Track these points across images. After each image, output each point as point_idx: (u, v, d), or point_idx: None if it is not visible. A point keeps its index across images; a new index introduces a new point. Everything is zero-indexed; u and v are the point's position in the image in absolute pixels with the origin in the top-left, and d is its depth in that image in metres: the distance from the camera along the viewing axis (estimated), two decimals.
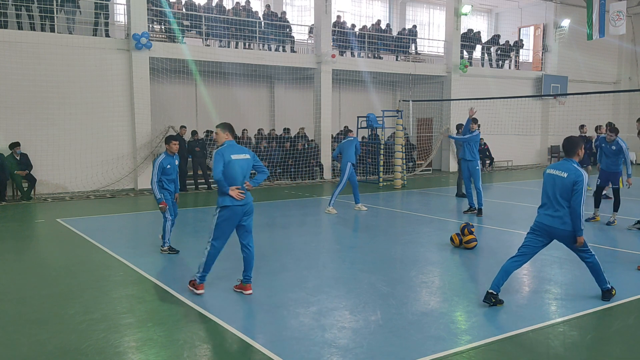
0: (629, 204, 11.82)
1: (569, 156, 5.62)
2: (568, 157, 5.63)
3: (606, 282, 5.81)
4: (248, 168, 5.90)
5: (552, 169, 5.66)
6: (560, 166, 5.58)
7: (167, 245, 7.90)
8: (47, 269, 7.29)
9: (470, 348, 4.62)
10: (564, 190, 5.45)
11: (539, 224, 5.66)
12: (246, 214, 5.88)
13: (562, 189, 5.46)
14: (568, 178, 5.43)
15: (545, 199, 5.65)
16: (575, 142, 5.62)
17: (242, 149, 5.93)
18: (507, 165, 23.56)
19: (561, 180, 5.48)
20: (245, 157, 5.86)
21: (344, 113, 21.87)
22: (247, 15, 17.76)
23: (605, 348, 4.69)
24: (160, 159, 7.69)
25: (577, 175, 5.40)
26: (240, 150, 5.89)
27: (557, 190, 5.49)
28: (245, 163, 5.86)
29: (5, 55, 13.58)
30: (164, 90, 17.10)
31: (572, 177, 5.41)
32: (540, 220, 5.65)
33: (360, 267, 7.19)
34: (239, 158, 5.80)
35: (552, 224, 5.53)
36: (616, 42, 25.99)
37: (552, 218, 5.52)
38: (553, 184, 5.55)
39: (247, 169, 5.88)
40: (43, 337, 4.87)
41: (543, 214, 5.64)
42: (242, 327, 5.06)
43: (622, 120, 24.96)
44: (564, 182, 5.45)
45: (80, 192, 14.49)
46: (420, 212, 11.91)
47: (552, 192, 5.55)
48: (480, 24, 26.27)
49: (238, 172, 5.77)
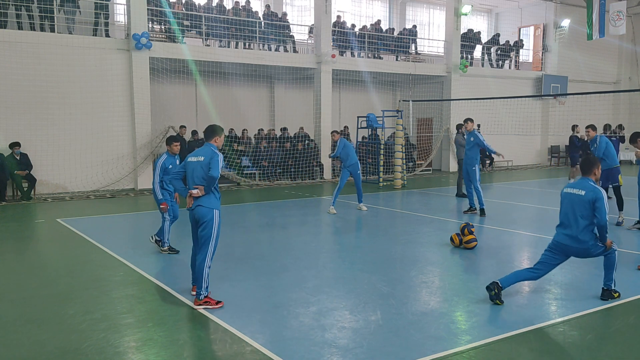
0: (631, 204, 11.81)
1: (586, 175, 5.72)
2: (585, 175, 5.73)
3: (612, 281, 5.84)
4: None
5: (569, 187, 5.75)
6: (578, 185, 5.67)
7: (166, 245, 7.90)
8: (47, 269, 7.29)
9: (470, 348, 4.62)
10: (582, 208, 5.53)
11: (557, 243, 5.71)
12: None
13: (581, 207, 5.54)
14: (586, 196, 5.52)
15: (563, 218, 5.72)
16: (592, 161, 5.73)
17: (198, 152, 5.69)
18: (507, 165, 23.56)
19: (579, 198, 5.56)
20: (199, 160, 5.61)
21: (344, 113, 21.87)
22: (247, 15, 17.76)
23: (605, 348, 4.69)
24: (162, 159, 7.72)
25: (596, 192, 5.49)
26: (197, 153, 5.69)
27: (576, 208, 5.56)
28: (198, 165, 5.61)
29: (5, 55, 13.58)
30: (164, 90, 17.10)
31: (590, 195, 5.50)
32: (558, 239, 5.70)
33: (360, 267, 7.19)
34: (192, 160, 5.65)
35: (569, 243, 5.61)
36: (616, 42, 25.99)
37: (570, 238, 5.60)
38: (571, 202, 5.63)
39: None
40: (43, 337, 4.87)
41: (561, 233, 5.70)
42: (242, 327, 5.06)
43: (622, 121, 25.00)
44: (582, 200, 5.54)
45: (80, 192, 14.49)
46: (420, 212, 11.91)
47: (570, 210, 5.62)
48: (480, 24, 26.27)
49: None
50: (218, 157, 5.51)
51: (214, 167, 5.46)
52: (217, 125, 5.78)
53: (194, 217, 5.66)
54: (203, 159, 5.55)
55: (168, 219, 7.85)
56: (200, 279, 5.56)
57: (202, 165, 5.53)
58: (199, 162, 5.56)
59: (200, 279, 5.56)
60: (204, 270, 5.54)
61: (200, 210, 5.56)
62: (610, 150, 10.18)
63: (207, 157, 5.53)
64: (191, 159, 5.66)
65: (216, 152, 5.57)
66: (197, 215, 5.60)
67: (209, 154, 5.54)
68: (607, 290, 5.82)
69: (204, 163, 5.52)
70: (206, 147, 5.66)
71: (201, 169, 5.53)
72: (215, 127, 5.74)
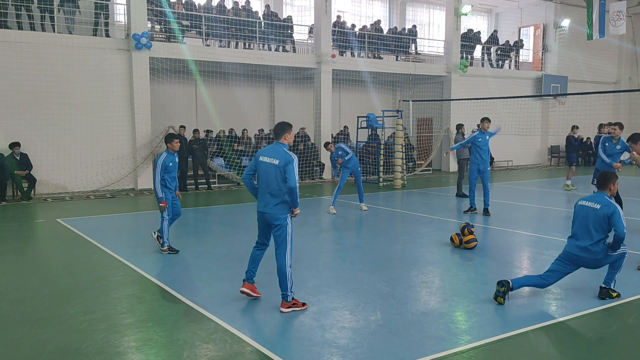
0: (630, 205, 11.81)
1: (602, 189, 5.80)
2: (601, 189, 5.82)
3: (613, 280, 5.86)
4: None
5: (584, 200, 5.82)
6: (594, 198, 5.75)
7: (166, 245, 7.90)
8: (47, 269, 7.29)
9: (470, 348, 4.62)
10: (596, 222, 5.59)
11: (568, 253, 5.78)
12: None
13: (595, 220, 5.60)
14: (601, 210, 5.58)
15: (576, 230, 5.79)
16: (609, 177, 5.81)
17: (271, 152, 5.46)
18: (507, 165, 23.56)
19: (594, 211, 5.63)
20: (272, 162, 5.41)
21: (344, 113, 21.88)
22: (247, 15, 17.76)
23: (605, 348, 4.69)
24: (162, 157, 7.68)
25: (610, 207, 5.57)
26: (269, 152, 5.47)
27: (591, 221, 5.62)
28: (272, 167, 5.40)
29: (5, 55, 13.58)
30: (164, 90, 17.10)
31: (605, 209, 5.57)
32: (570, 250, 5.77)
33: (360, 267, 7.19)
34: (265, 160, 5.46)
35: (580, 254, 5.67)
36: (616, 42, 25.99)
37: (581, 249, 5.65)
38: (585, 215, 5.69)
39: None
40: (43, 337, 4.87)
41: (574, 245, 5.75)
42: (243, 327, 5.06)
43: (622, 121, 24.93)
44: (596, 214, 5.60)
45: (80, 192, 14.49)
46: (420, 212, 11.91)
47: (584, 223, 5.68)
48: (480, 24, 26.27)
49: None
50: (293, 163, 5.29)
51: (290, 177, 5.26)
52: (285, 122, 5.56)
53: (265, 219, 5.53)
54: (278, 162, 5.32)
55: (167, 219, 7.84)
56: (284, 281, 5.42)
57: (278, 169, 5.32)
58: (273, 165, 5.35)
59: (284, 281, 5.42)
60: (286, 270, 5.41)
61: (270, 217, 5.44)
62: (610, 151, 10.14)
63: (282, 160, 5.30)
64: (263, 158, 5.42)
65: (290, 155, 5.33)
66: (269, 218, 5.46)
67: (283, 157, 5.31)
68: (605, 289, 5.83)
69: (279, 167, 5.31)
70: (277, 146, 5.43)
71: (277, 174, 5.33)
72: (284, 124, 5.52)
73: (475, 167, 11.29)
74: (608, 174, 5.86)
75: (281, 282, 5.46)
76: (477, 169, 11.25)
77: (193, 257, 7.77)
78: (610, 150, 10.17)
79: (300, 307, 5.49)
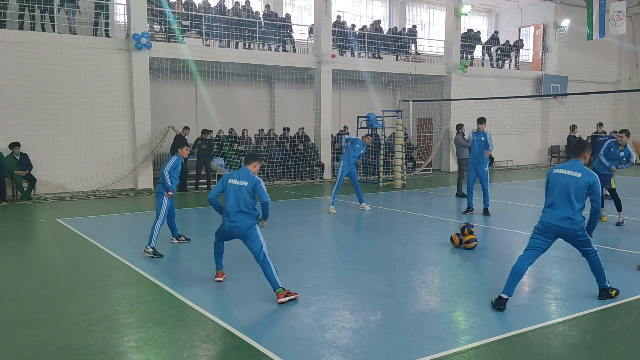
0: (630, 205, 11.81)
1: (577, 157, 5.64)
2: (576, 157, 5.64)
3: (606, 281, 5.82)
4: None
5: (561, 168, 5.61)
6: (571, 166, 5.56)
7: (151, 246, 7.70)
8: (47, 269, 7.29)
9: (470, 348, 4.62)
10: (577, 191, 5.43)
11: (547, 224, 5.54)
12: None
13: (577, 189, 5.43)
14: (582, 179, 5.43)
15: (555, 199, 5.54)
16: (585, 145, 5.68)
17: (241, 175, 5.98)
18: (507, 165, 23.56)
19: (574, 180, 5.45)
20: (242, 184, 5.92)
21: (344, 113, 21.87)
22: (247, 15, 17.76)
23: (605, 348, 4.69)
24: (173, 159, 8.04)
25: (592, 177, 5.46)
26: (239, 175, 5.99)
27: (571, 190, 5.44)
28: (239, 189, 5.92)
29: (5, 55, 13.58)
30: (164, 90, 17.11)
31: (586, 178, 5.43)
32: (548, 220, 5.54)
33: (360, 267, 7.19)
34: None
35: (562, 224, 5.47)
36: (616, 42, 25.98)
37: (564, 219, 5.47)
38: (565, 183, 5.49)
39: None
40: (43, 337, 4.87)
41: (551, 213, 5.54)
42: (242, 327, 5.06)
43: (622, 120, 25.00)
44: (577, 182, 5.43)
45: (80, 192, 14.49)
46: (420, 212, 11.91)
47: (564, 191, 5.48)
48: (480, 24, 26.27)
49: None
50: (260, 183, 5.87)
51: (262, 193, 5.83)
52: (256, 154, 6.22)
53: (234, 233, 5.95)
54: (247, 183, 5.84)
55: (161, 218, 7.84)
56: (271, 274, 5.75)
57: (247, 191, 5.83)
58: (242, 186, 5.85)
59: (271, 274, 5.75)
60: (271, 270, 5.75)
61: (240, 230, 5.86)
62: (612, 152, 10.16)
63: (251, 182, 5.84)
64: (232, 181, 5.93)
65: (256, 177, 5.92)
66: (239, 233, 5.89)
67: (251, 180, 5.86)
68: (603, 290, 5.82)
69: (249, 188, 5.83)
70: (244, 170, 5.96)
71: (247, 194, 5.83)
72: (254, 155, 6.16)
73: (473, 167, 11.34)
74: (584, 142, 5.72)
75: (269, 278, 5.76)
76: (475, 169, 11.29)
77: (193, 257, 7.76)
78: (612, 155, 10.19)
79: (292, 296, 5.78)
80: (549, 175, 5.72)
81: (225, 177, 6.04)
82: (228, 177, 6.00)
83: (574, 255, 7.77)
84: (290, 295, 5.75)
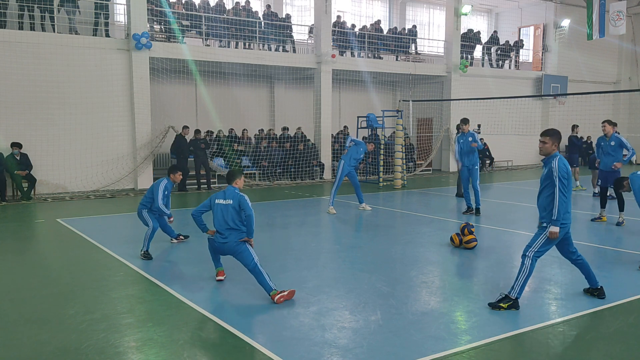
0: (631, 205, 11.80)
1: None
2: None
3: (597, 281, 5.86)
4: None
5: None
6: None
7: (144, 250, 7.76)
8: (47, 269, 7.29)
9: (470, 348, 4.62)
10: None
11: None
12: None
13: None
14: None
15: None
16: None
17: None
18: (507, 165, 23.56)
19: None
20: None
21: (344, 113, 21.88)
22: (247, 15, 17.76)
23: (605, 348, 4.69)
24: (164, 184, 8.04)
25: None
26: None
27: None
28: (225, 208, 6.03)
29: (5, 55, 13.58)
30: (164, 90, 17.11)
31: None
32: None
33: (360, 267, 7.19)
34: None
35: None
36: (616, 42, 25.99)
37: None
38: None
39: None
40: (43, 337, 4.87)
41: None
42: (242, 327, 5.06)
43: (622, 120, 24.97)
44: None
45: (80, 192, 14.49)
46: (420, 212, 11.91)
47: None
48: (480, 24, 26.27)
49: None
50: (245, 197, 6.00)
51: (246, 207, 5.93)
52: (237, 170, 6.35)
53: (224, 249, 6.05)
54: (232, 201, 5.98)
55: (152, 228, 7.88)
56: (263, 280, 5.80)
57: (234, 208, 5.96)
58: (228, 205, 5.98)
59: (263, 280, 5.80)
60: (264, 277, 5.79)
61: (230, 246, 5.96)
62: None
63: (235, 199, 5.98)
64: (219, 201, 6.06)
65: (240, 194, 6.06)
66: (229, 249, 5.99)
67: (236, 197, 6.00)
68: (596, 289, 5.86)
69: (234, 205, 5.96)
70: (229, 190, 6.10)
71: (234, 212, 5.95)
72: (235, 171, 6.30)
73: (465, 168, 11.46)
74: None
75: (263, 284, 5.81)
76: (467, 170, 11.40)
77: (193, 257, 7.76)
78: (606, 148, 10.24)
79: (286, 292, 5.79)
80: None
81: (212, 197, 6.18)
82: (215, 197, 6.14)
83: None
84: (283, 292, 5.76)
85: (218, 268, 6.56)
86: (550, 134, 5.54)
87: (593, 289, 5.87)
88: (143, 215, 8.02)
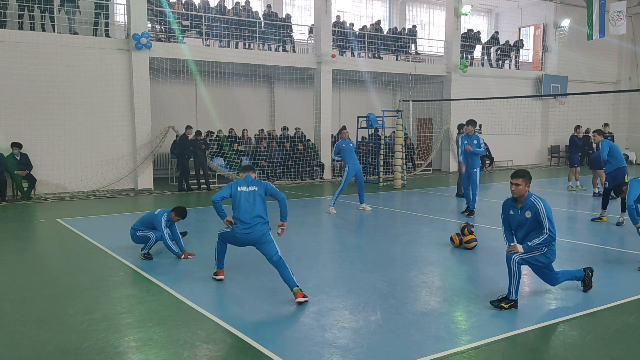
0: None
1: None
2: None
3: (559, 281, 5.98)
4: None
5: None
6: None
7: (145, 251, 7.72)
8: (47, 269, 7.29)
9: (470, 348, 4.62)
10: None
11: None
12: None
13: None
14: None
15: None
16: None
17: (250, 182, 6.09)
18: (507, 165, 23.56)
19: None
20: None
21: (344, 113, 21.88)
22: (247, 15, 17.76)
23: (605, 348, 4.69)
24: (164, 219, 7.62)
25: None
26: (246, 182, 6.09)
27: None
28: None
29: (5, 55, 13.58)
30: (164, 90, 17.11)
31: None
32: None
33: (360, 267, 7.19)
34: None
35: None
36: (616, 42, 25.99)
37: None
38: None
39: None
40: (43, 337, 4.87)
41: None
42: (242, 327, 5.06)
43: (622, 120, 25.02)
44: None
45: (80, 192, 14.49)
46: (420, 212, 11.91)
47: None
48: (480, 24, 26.27)
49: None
50: (270, 183, 6.12)
51: (275, 191, 6.02)
52: (251, 165, 6.53)
53: (249, 239, 5.96)
54: (257, 188, 5.99)
55: (153, 238, 7.68)
56: (289, 277, 5.75)
57: (260, 195, 5.97)
58: (254, 192, 5.97)
59: (289, 277, 5.75)
60: (288, 271, 5.77)
61: (254, 237, 5.91)
62: (615, 151, 10.26)
63: (261, 186, 6.02)
64: (242, 188, 5.99)
65: (263, 181, 6.14)
66: (255, 238, 5.93)
67: (260, 184, 6.05)
68: (584, 279, 6.04)
69: (260, 193, 5.98)
70: (249, 177, 6.12)
71: (259, 199, 5.95)
72: (249, 166, 6.39)
73: (466, 170, 11.46)
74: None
75: (287, 278, 5.74)
76: (467, 171, 11.41)
77: (193, 258, 7.75)
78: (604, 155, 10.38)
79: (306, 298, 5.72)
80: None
81: (232, 184, 6.08)
82: (236, 184, 6.05)
83: (574, 255, 7.78)
84: (306, 296, 5.70)
85: (220, 267, 6.54)
86: (522, 175, 5.50)
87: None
88: (138, 235, 7.74)
